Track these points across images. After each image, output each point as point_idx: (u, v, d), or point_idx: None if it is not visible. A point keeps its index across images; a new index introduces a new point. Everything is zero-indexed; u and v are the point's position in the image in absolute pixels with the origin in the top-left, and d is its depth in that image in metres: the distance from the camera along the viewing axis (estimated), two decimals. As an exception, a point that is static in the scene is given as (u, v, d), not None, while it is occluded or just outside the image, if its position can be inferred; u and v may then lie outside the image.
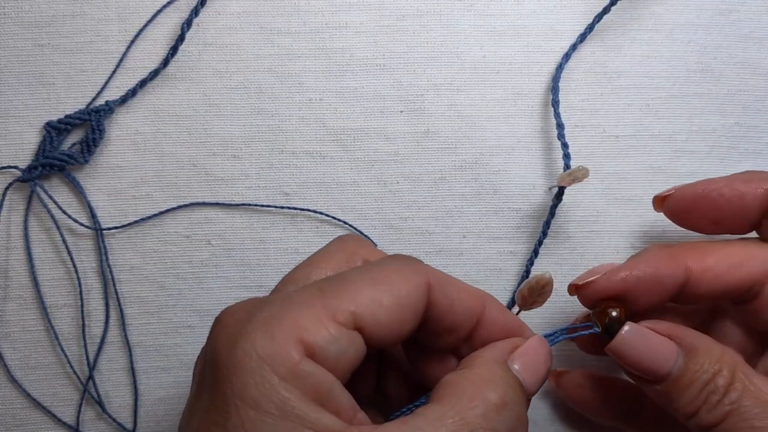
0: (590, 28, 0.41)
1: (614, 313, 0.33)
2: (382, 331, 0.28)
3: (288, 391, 0.25)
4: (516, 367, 0.30)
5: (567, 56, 0.41)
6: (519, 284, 0.40)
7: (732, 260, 0.33)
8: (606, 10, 0.41)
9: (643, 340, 0.32)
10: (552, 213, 0.40)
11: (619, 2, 0.41)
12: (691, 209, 0.36)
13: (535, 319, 0.41)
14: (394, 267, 0.29)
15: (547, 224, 0.40)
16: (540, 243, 0.41)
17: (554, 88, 0.41)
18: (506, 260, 0.41)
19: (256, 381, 0.25)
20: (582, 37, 0.41)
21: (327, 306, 0.27)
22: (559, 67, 0.41)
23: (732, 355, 0.32)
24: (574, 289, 0.35)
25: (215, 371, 0.27)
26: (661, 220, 0.41)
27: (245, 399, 0.25)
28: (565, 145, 0.40)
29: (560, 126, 0.40)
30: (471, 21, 0.41)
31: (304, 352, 0.26)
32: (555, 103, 0.40)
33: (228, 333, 0.27)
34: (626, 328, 0.32)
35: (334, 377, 0.27)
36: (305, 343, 0.26)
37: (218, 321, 0.28)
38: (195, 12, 0.40)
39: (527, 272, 0.41)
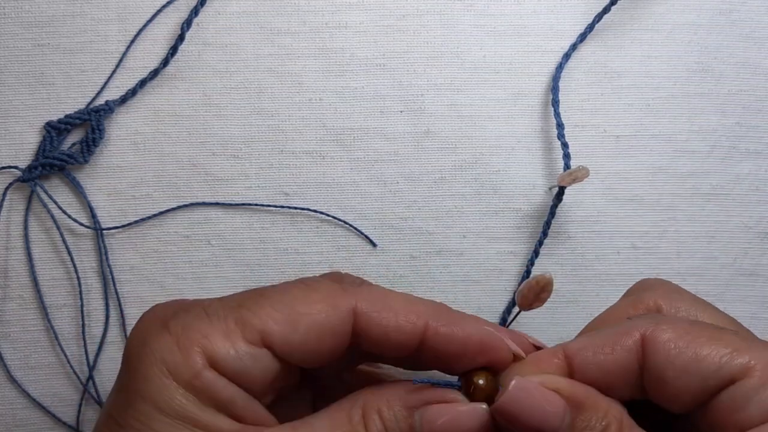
0: (590, 28, 0.41)
1: (480, 381, 0.30)
2: (295, 353, 0.29)
3: (185, 398, 0.27)
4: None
5: (567, 56, 0.41)
6: (519, 284, 0.40)
7: None
8: (606, 10, 0.41)
9: (530, 397, 0.29)
10: (552, 213, 0.41)
11: (619, 2, 0.41)
12: None
13: (537, 318, 0.41)
14: (320, 290, 0.30)
15: (547, 224, 0.41)
16: (540, 243, 0.41)
17: (554, 87, 0.41)
18: (506, 260, 0.42)
19: (157, 385, 0.27)
20: (582, 37, 0.41)
21: (238, 321, 0.28)
22: (559, 67, 0.41)
23: (617, 408, 0.29)
24: None
25: (125, 366, 0.29)
26: (661, 220, 0.42)
27: (145, 397, 0.27)
28: (565, 145, 0.40)
29: (560, 126, 0.40)
30: (471, 21, 0.41)
31: (207, 363, 0.28)
32: (555, 103, 0.40)
33: (142, 334, 0.29)
34: (513, 382, 0.29)
35: (237, 388, 0.28)
36: (208, 355, 0.28)
37: (141, 318, 0.30)
38: (195, 12, 0.40)
39: (528, 272, 0.41)
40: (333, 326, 0.29)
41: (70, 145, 0.41)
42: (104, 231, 0.41)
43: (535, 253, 0.41)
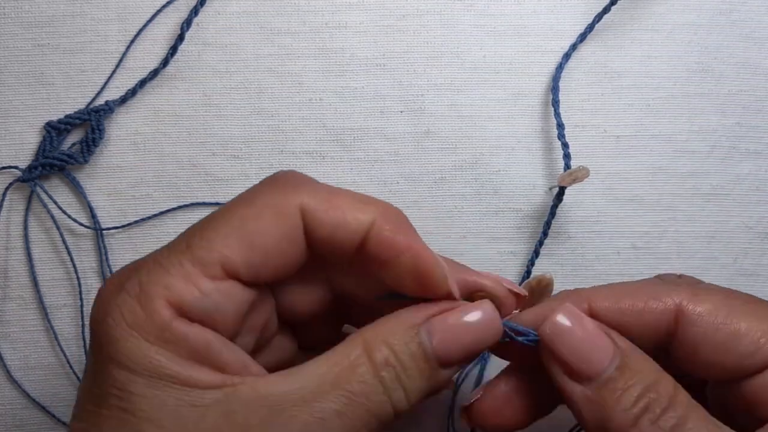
0: (590, 28, 0.41)
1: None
2: (261, 272, 0.27)
3: (159, 354, 0.26)
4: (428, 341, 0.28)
5: (567, 56, 0.41)
6: (520, 284, 0.40)
7: None
8: (606, 10, 0.41)
9: (581, 329, 0.28)
10: (552, 213, 0.41)
11: (619, 2, 0.41)
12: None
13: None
14: (263, 199, 0.28)
15: (547, 224, 0.41)
16: (541, 243, 0.41)
17: (554, 87, 0.41)
18: (507, 260, 0.42)
19: (127, 348, 0.26)
20: (582, 37, 0.41)
21: (195, 261, 0.27)
22: (559, 67, 0.41)
23: (670, 383, 0.28)
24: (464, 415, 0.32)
25: (92, 340, 0.27)
26: (661, 220, 0.42)
27: (119, 363, 0.26)
28: (565, 145, 0.40)
29: (560, 126, 0.40)
30: (471, 21, 0.42)
31: (176, 313, 0.26)
32: (555, 103, 0.40)
33: (101, 303, 0.27)
34: (561, 313, 0.28)
35: (213, 333, 0.27)
36: (174, 305, 0.26)
37: (99, 291, 0.28)
38: (195, 12, 0.40)
39: (528, 273, 0.41)
40: (287, 232, 0.28)
41: (70, 145, 0.41)
42: (104, 231, 0.41)
43: (536, 253, 0.41)
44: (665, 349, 0.30)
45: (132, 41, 0.41)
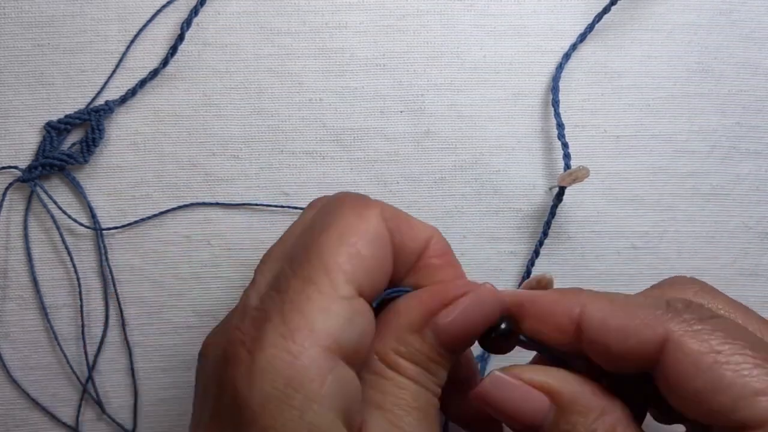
0: (590, 28, 0.42)
1: (503, 326, 0.30)
2: (375, 282, 0.27)
3: (322, 417, 0.24)
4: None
5: (567, 56, 0.41)
6: (520, 284, 0.40)
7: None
8: (606, 10, 0.41)
9: (508, 391, 0.28)
10: (552, 213, 0.41)
11: (619, 2, 0.41)
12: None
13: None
14: (349, 212, 0.28)
15: (547, 224, 0.41)
16: (541, 243, 0.41)
17: (554, 87, 0.41)
18: (506, 260, 0.42)
19: (289, 416, 0.23)
20: (582, 37, 0.42)
21: (325, 289, 0.25)
22: (559, 67, 0.41)
23: (615, 414, 0.27)
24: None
25: (239, 411, 0.24)
26: (661, 220, 0.42)
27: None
28: (565, 145, 0.40)
29: (560, 126, 0.40)
30: (471, 21, 0.42)
31: (332, 355, 0.24)
32: (555, 103, 0.41)
33: (241, 367, 0.24)
34: (488, 378, 0.28)
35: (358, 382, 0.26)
36: (328, 345, 0.24)
37: (224, 357, 0.25)
38: (195, 12, 0.40)
39: (528, 273, 0.41)
40: (382, 235, 0.28)
41: (70, 145, 0.41)
42: (104, 231, 0.41)
43: (536, 253, 0.41)
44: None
45: (132, 41, 0.41)
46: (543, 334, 0.30)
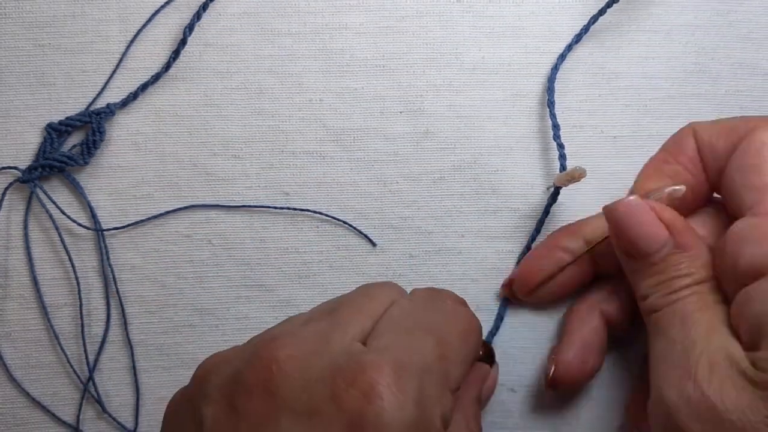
0: (586, 29, 0.42)
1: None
2: None
3: None
4: None
5: (562, 56, 0.42)
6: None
7: None
8: (602, 12, 0.41)
9: (642, 216, 0.34)
10: (546, 212, 0.41)
11: (617, 4, 0.41)
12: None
13: (534, 317, 0.42)
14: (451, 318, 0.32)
15: (540, 223, 0.41)
16: (533, 240, 0.41)
17: (549, 88, 0.41)
18: (504, 259, 0.42)
19: None
20: (578, 38, 0.42)
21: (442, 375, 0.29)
22: (555, 68, 0.42)
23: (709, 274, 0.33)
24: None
25: None
26: (658, 219, 0.42)
27: None
28: (560, 146, 0.40)
29: (556, 127, 0.41)
30: (470, 22, 0.42)
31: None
32: (550, 104, 0.41)
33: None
34: (624, 200, 0.34)
35: None
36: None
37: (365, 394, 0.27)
38: (198, 16, 0.40)
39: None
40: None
41: (70, 146, 0.41)
42: (105, 231, 0.41)
43: (527, 248, 0.41)
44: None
45: (131, 41, 0.42)
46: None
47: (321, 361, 0.28)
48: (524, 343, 0.42)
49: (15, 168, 0.41)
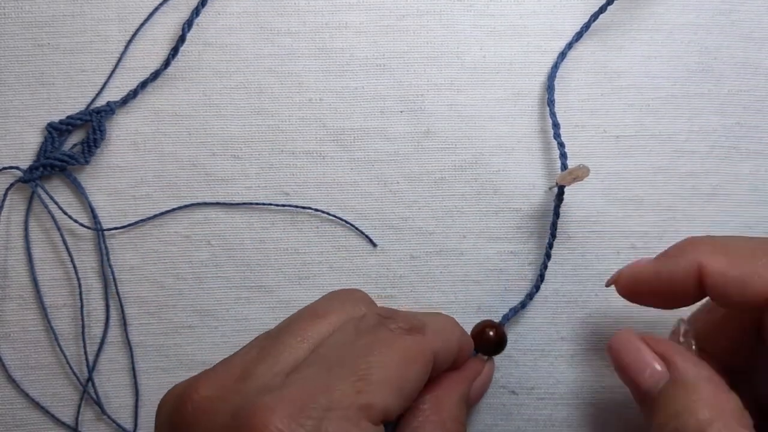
0: (586, 27, 0.42)
1: (491, 333, 0.39)
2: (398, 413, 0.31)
3: None
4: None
5: (563, 55, 0.42)
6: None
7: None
8: (602, 10, 0.41)
9: (631, 350, 0.33)
10: (557, 213, 0.41)
11: (619, 2, 0.42)
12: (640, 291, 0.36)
13: (537, 318, 0.42)
14: (415, 355, 0.31)
15: (554, 225, 0.41)
16: (551, 246, 0.41)
17: (549, 87, 0.41)
18: (506, 260, 0.42)
19: None
20: (578, 36, 0.42)
21: (362, 411, 0.28)
22: (555, 66, 0.42)
23: (725, 406, 0.29)
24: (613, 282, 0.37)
25: None
26: (661, 220, 0.42)
27: None
28: (561, 145, 0.40)
29: (556, 126, 0.41)
30: (471, 21, 0.42)
31: None
32: (550, 103, 0.41)
33: None
34: (621, 331, 0.33)
35: None
36: None
37: None
38: (196, 12, 0.41)
39: (542, 277, 0.41)
40: (425, 375, 0.32)
41: (71, 146, 0.42)
42: (105, 231, 0.42)
43: (547, 256, 0.41)
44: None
45: (130, 41, 0.42)
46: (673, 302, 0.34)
47: (232, 402, 0.28)
48: (526, 346, 0.42)
49: (16, 168, 0.42)
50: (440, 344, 0.33)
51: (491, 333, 0.38)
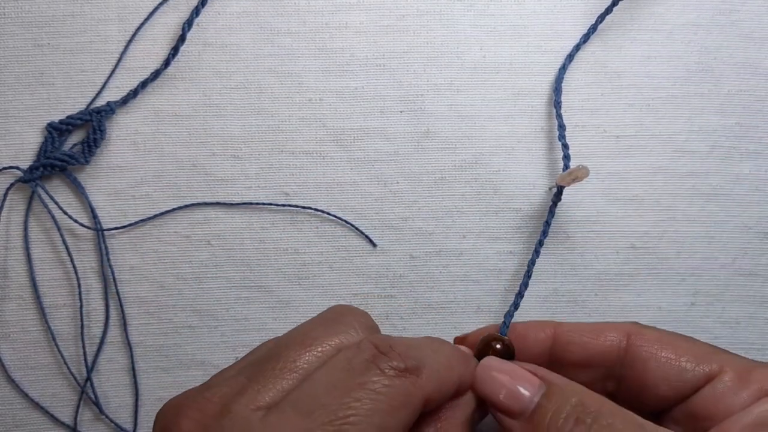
0: (593, 29, 0.42)
1: (498, 347, 0.36)
2: None
3: None
4: None
5: (570, 57, 0.42)
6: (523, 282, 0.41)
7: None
8: (608, 11, 0.42)
9: (504, 371, 0.33)
10: (552, 213, 0.41)
11: (620, 2, 0.42)
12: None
13: (536, 318, 0.42)
14: (404, 402, 0.30)
15: (547, 224, 0.41)
16: (541, 243, 0.41)
17: (557, 89, 0.42)
18: (506, 260, 0.42)
19: None
20: (585, 38, 0.42)
21: None
22: (563, 68, 0.42)
23: (594, 397, 0.31)
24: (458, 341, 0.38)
25: None
26: (661, 220, 0.43)
27: None
28: (565, 146, 0.41)
29: (561, 127, 0.41)
30: (471, 21, 0.42)
31: None
32: (557, 104, 0.41)
33: None
34: (485, 362, 0.33)
35: None
36: None
37: None
38: (196, 12, 0.41)
39: (528, 273, 0.41)
40: (410, 424, 0.31)
41: (71, 145, 0.42)
42: (105, 231, 0.42)
43: (536, 252, 0.41)
44: (618, 378, 0.35)
45: (129, 41, 0.42)
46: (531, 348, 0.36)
47: None
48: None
49: (16, 168, 0.42)
50: (435, 386, 0.31)
51: (498, 347, 0.36)
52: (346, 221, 0.42)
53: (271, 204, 0.42)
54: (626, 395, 0.35)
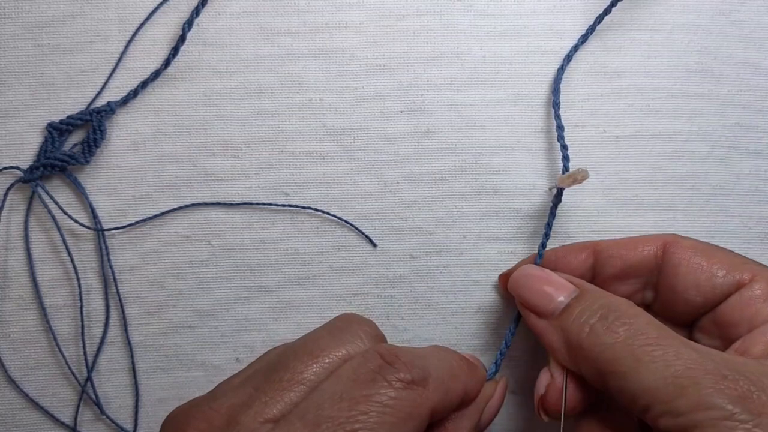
0: (592, 29, 0.42)
1: None
2: None
3: None
4: None
5: (569, 57, 0.42)
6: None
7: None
8: (607, 11, 0.42)
9: (539, 275, 0.36)
10: (553, 214, 0.41)
11: (619, 2, 0.42)
12: None
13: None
14: (411, 416, 0.31)
15: (548, 226, 0.41)
16: (544, 246, 0.41)
17: (555, 90, 0.42)
18: (506, 260, 0.43)
19: None
20: (584, 38, 0.42)
21: None
22: (561, 69, 0.42)
23: (622, 301, 0.33)
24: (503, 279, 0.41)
25: None
26: (661, 220, 0.43)
27: None
28: (564, 147, 0.41)
29: (560, 128, 0.41)
30: (471, 21, 0.43)
31: None
32: (556, 105, 0.41)
33: None
34: (523, 268, 0.37)
35: None
36: None
37: None
38: (196, 12, 0.41)
39: None
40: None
41: (71, 145, 0.42)
42: (105, 231, 0.42)
43: (539, 255, 0.41)
44: (655, 288, 0.37)
45: (130, 41, 0.42)
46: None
47: None
48: (525, 346, 0.42)
49: (17, 168, 0.42)
50: (441, 396, 0.32)
51: None
52: (346, 221, 0.42)
53: (271, 204, 0.42)
54: (660, 306, 0.37)
